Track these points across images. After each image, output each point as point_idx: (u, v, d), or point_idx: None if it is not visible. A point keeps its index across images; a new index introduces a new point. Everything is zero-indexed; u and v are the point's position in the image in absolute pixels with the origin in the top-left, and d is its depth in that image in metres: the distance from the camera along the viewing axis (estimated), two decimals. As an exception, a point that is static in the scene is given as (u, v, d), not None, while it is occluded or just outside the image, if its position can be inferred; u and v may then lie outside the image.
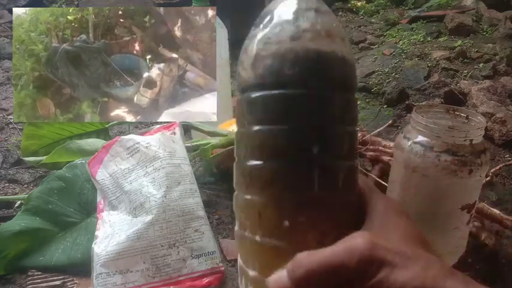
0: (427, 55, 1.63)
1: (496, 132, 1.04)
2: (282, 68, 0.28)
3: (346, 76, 0.30)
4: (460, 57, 1.57)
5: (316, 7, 0.30)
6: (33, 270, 0.63)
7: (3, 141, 1.05)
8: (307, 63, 0.28)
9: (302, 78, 0.28)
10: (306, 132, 0.29)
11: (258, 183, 0.31)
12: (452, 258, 0.63)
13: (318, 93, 0.28)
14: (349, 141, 0.30)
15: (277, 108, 0.29)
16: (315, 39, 0.28)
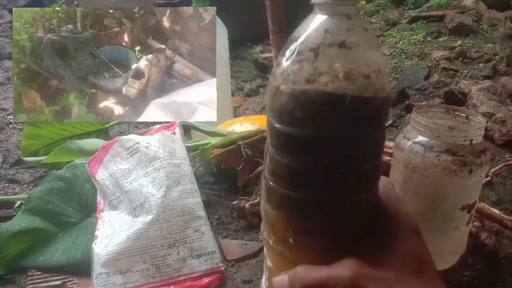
0: (427, 55, 1.63)
1: (496, 132, 1.04)
2: (295, 110, 0.28)
3: (364, 116, 0.28)
4: (460, 57, 1.57)
5: (341, 41, 0.28)
6: (33, 270, 0.63)
7: (3, 141, 1.05)
8: (319, 108, 0.27)
9: (313, 122, 0.28)
10: (313, 171, 0.29)
11: (273, 200, 0.32)
12: (452, 258, 0.63)
13: (329, 136, 0.28)
14: (358, 177, 0.30)
15: (289, 144, 0.29)
16: (330, 83, 0.27)
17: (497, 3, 2.10)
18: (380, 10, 2.43)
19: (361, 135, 0.29)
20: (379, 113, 0.29)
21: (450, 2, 2.21)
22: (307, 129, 0.28)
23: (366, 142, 0.29)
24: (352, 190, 0.30)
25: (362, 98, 0.28)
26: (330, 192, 0.30)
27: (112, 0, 1.60)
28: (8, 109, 1.23)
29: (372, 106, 0.28)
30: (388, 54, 1.72)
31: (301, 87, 0.28)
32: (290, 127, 0.29)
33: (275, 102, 0.29)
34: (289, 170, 0.30)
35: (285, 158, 0.30)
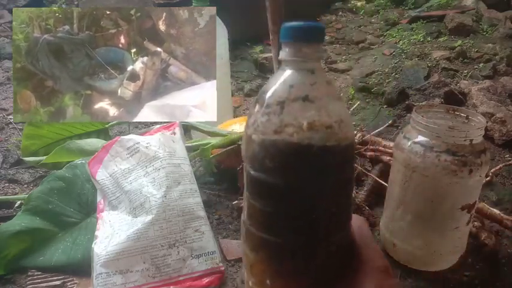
0: (427, 55, 1.63)
1: (496, 132, 1.04)
2: (265, 159, 0.30)
3: (329, 164, 0.30)
4: (460, 57, 1.57)
5: (304, 95, 0.30)
6: (33, 270, 0.63)
7: (3, 141, 1.05)
8: (286, 158, 0.29)
9: (282, 170, 0.30)
10: (284, 217, 0.31)
11: (250, 243, 0.34)
12: (452, 258, 0.64)
13: (297, 184, 0.30)
14: (328, 221, 0.31)
15: (262, 190, 0.31)
16: (295, 134, 0.29)
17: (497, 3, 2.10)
18: (380, 10, 2.43)
19: (327, 182, 0.30)
20: (343, 159, 0.31)
21: (450, 2, 2.21)
22: (276, 177, 0.30)
23: (332, 188, 0.31)
24: (324, 234, 0.32)
25: (325, 147, 0.29)
26: (303, 236, 0.31)
27: (112, 1, 1.60)
28: (8, 109, 1.23)
29: (335, 154, 0.30)
30: (388, 54, 1.72)
31: (269, 137, 0.30)
32: (262, 174, 0.31)
33: (248, 150, 0.31)
34: (263, 214, 0.32)
35: (259, 203, 0.32)
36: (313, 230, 0.31)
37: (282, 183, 0.30)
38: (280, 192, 0.30)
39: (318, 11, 2.35)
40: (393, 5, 2.51)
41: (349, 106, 1.24)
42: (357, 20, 2.35)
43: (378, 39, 1.99)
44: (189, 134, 1.03)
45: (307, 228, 0.31)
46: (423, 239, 0.61)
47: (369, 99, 1.34)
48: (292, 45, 0.31)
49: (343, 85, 1.49)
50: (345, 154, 0.31)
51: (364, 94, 1.36)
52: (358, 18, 2.39)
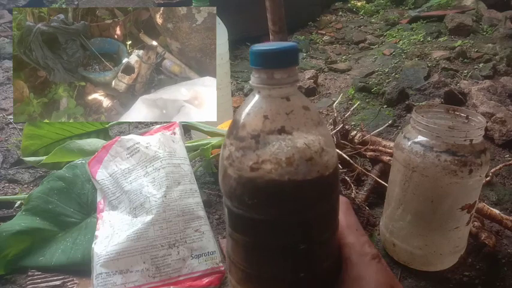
0: (427, 55, 1.63)
1: (496, 132, 1.04)
2: (243, 196, 0.28)
3: (312, 196, 0.29)
4: (460, 57, 1.57)
5: (280, 127, 0.28)
6: (33, 270, 0.63)
7: (3, 141, 1.05)
8: (266, 195, 0.28)
9: (261, 207, 0.28)
10: (265, 253, 0.30)
11: (235, 276, 0.33)
12: (452, 258, 0.64)
13: (279, 220, 0.29)
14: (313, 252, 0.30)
15: (241, 225, 0.30)
16: (274, 170, 0.27)
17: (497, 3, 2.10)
18: (380, 10, 2.43)
19: (309, 215, 0.29)
20: (326, 189, 0.30)
21: (450, 2, 2.21)
22: (256, 214, 0.29)
23: (315, 219, 0.30)
24: (308, 265, 0.30)
25: (307, 181, 0.28)
26: (286, 271, 0.30)
27: (112, 0, 1.60)
28: (8, 109, 1.23)
29: (318, 185, 0.29)
30: (388, 54, 1.72)
31: (246, 174, 0.28)
32: (241, 210, 0.29)
33: (225, 185, 0.30)
34: (245, 249, 0.31)
35: (241, 238, 0.31)
36: (297, 264, 0.30)
37: (262, 219, 0.29)
38: (261, 227, 0.29)
39: (318, 11, 2.35)
40: (393, 5, 2.51)
41: (349, 106, 1.24)
42: (357, 20, 2.35)
43: (378, 39, 2.00)
44: (189, 134, 1.03)
45: (291, 263, 0.30)
46: (423, 239, 0.61)
47: (369, 99, 1.34)
48: (263, 71, 0.27)
49: (343, 85, 1.49)
50: (328, 183, 0.29)
51: (364, 94, 1.36)
52: (358, 18, 2.39)
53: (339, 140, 0.81)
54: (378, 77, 1.50)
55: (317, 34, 2.10)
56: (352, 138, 0.86)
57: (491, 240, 0.66)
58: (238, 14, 1.56)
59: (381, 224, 0.69)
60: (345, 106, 1.27)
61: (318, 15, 2.34)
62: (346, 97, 1.35)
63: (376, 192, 0.80)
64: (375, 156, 0.82)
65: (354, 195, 0.73)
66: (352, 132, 0.86)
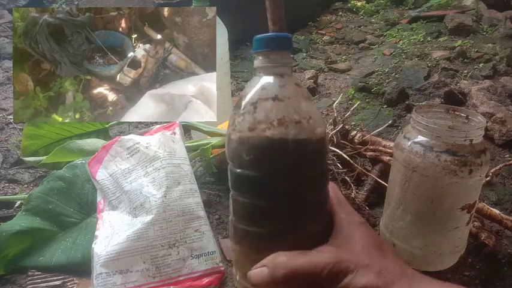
0: (427, 55, 1.63)
1: (496, 132, 1.04)
2: (242, 153, 0.33)
3: (300, 156, 0.33)
4: (460, 57, 1.57)
5: (274, 95, 0.33)
6: (33, 270, 0.63)
7: (3, 141, 1.05)
8: (260, 151, 0.33)
9: (257, 164, 0.33)
10: (263, 205, 0.34)
11: (235, 236, 0.37)
12: (452, 258, 0.64)
13: (271, 176, 0.33)
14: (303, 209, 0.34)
15: (241, 183, 0.35)
16: (267, 129, 0.32)
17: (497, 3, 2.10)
18: (380, 10, 2.43)
19: (300, 173, 0.33)
20: (314, 152, 0.34)
21: (450, 2, 2.21)
22: (253, 170, 0.33)
23: (305, 179, 0.34)
24: (300, 221, 0.34)
25: (296, 141, 0.32)
26: (280, 225, 0.34)
27: (112, 0, 1.60)
28: (8, 109, 1.23)
29: (306, 147, 0.33)
30: (388, 54, 1.72)
31: (245, 134, 0.33)
32: (241, 169, 0.34)
33: (229, 149, 0.35)
34: (244, 207, 0.35)
35: (240, 197, 0.35)
36: (289, 218, 0.34)
37: (258, 175, 0.33)
38: (257, 183, 0.33)
39: (318, 11, 2.35)
40: (393, 5, 2.51)
41: (349, 106, 1.24)
42: (357, 20, 2.35)
43: (378, 39, 2.00)
44: (189, 134, 1.03)
45: (284, 217, 0.34)
46: (423, 239, 0.61)
47: (369, 99, 1.34)
48: (262, 53, 0.34)
49: (343, 85, 1.49)
50: (316, 147, 0.34)
51: (364, 94, 1.36)
52: (358, 18, 2.39)
53: (339, 140, 0.81)
54: (378, 77, 1.50)
55: (317, 34, 2.10)
56: (352, 138, 0.86)
57: (491, 240, 0.66)
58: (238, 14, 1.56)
59: (381, 224, 0.69)
60: (345, 106, 1.27)
61: (318, 15, 2.34)
62: (346, 97, 1.35)
63: (376, 192, 0.80)
64: (375, 156, 0.82)
65: (354, 195, 0.73)
66: (352, 132, 0.86)
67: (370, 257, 0.33)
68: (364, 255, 0.33)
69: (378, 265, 0.33)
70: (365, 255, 0.33)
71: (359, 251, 0.34)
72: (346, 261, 0.32)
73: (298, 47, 1.85)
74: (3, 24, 1.94)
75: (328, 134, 0.81)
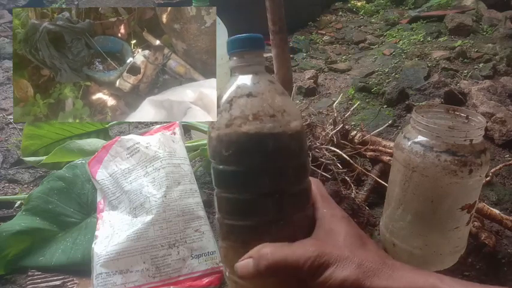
0: (427, 55, 1.63)
1: (496, 132, 1.04)
2: (221, 150, 0.34)
3: (276, 148, 0.34)
4: (460, 57, 1.57)
5: (248, 92, 0.35)
6: (33, 270, 0.63)
7: (3, 141, 1.05)
8: (238, 146, 0.34)
9: (235, 158, 0.34)
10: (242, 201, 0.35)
11: (221, 232, 0.38)
12: (452, 258, 0.63)
13: (250, 170, 0.34)
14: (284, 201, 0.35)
15: (223, 180, 0.36)
16: (243, 124, 0.33)
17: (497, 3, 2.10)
18: (380, 10, 2.43)
19: (277, 165, 0.34)
20: (291, 144, 0.35)
21: (450, 2, 2.21)
22: (232, 165, 0.34)
23: (284, 170, 0.35)
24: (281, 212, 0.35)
25: (271, 133, 0.33)
26: (263, 216, 0.35)
27: (112, 0, 1.60)
28: (8, 109, 1.23)
29: (281, 139, 0.34)
30: (388, 54, 1.72)
31: (223, 131, 0.34)
32: (221, 165, 0.35)
33: (209, 147, 0.36)
34: (228, 202, 0.36)
35: (223, 193, 0.36)
36: (271, 210, 0.35)
37: (237, 169, 0.34)
38: (238, 177, 0.34)
39: (318, 11, 2.35)
40: (393, 5, 2.51)
41: (349, 106, 1.24)
42: (357, 20, 2.35)
43: (378, 39, 2.00)
44: (189, 134, 1.03)
45: (265, 209, 0.35)
46: (423, 239, 0.61)
47: (369, 99, 1.34)
48: (236, 54, 0.36)
49: (343, 85, 1.49)
50: (292, 139, 0.35)
51: (364, 94, 1.36)
52: (358, 18, 2.39)
53: (339, 140, 0.81)
54: (378, 77, 1.50)
55: (317, 34, 2.10)
56: (352, 138, 0.86)
57: (491, 240, 0.66)
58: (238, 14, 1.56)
59: (381, 224, 0.69)
60: (345, 106, 1.27)
61: (318, 15, 2.34)
62: (346, 97, 1.35)
63: (376, 192, 0.80)
64: (375, 156, 0.82)
65: (354, 195, 0.73)
66: (352, 132, 0.86)
67: (351, 249, 0.34)
68: (345, 247, 0.34)
69: (359, 257, 0.33)
70: (346, 247, 0.34)
71: (340, 243, 0.35)
72: (327, 254, 0.33)
73: (298, 47, 1.85)
74: (3, 24, 1.94)
75: (328, 134, 0.81)
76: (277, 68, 0.96)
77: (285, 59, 0.96)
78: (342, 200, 0.64)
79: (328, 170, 0.76)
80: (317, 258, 0.33)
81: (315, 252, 0.33)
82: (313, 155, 0.77)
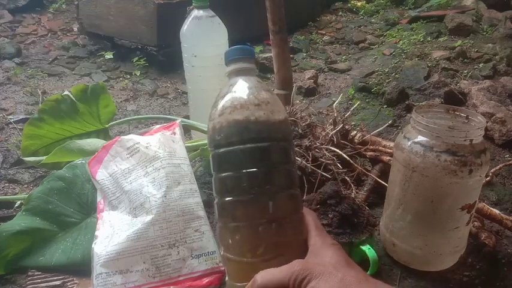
0: (427, 55, 1.63)
1: (496, 132, 1.04)
2: (215, 136, 0.40)
3: (262, 133, 0.39)
4: (460, 57, 1.57)
5: (239, 89, 0.41)
6: (33, 270, 0.63)
7: (3, 141, 1.05)
8: (228, 130, 0.39)
9: (227, 141, 0.39)
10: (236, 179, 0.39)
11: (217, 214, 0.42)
12: (452, 258, 0.64)
13: (241, 150, 0.39)
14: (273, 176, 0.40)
15: (218, 163, 0.41)
16: (232, 112, 0.39)
17: (497, 3, 2.10)
18: (380, 10, 2.43)
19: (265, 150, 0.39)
20: (274, 128, 0.40)
21: (450, 2, 2.21)
22: (223, 147, 0.40)
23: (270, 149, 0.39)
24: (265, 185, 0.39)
25: (257, 121, 0.39)
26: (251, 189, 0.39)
27: (112, 1, 1.60)
28: (8, 109, 1.23)
29: (267, 126, 0.39)
30: (388, 54, 1.72)
31: (216, 120, 0.40)
32: (216, 149, 0.40)
33: (208, 138, 0.42)
34: (221, 181, 0.40)
35: (218, 173, 0.41)
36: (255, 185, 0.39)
37: (227, 150, 0.39)
38: (229, 157, 0.39)
39: (318, 11, 2.35)
40: (393, 5, 2.51)
41: (349, 106, 1.24)
42: (357, 20, 2.35)
43: (378, 39, 2.00)
44: (189, 134, 1.03)
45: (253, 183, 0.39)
46: (423, 239, 0.61)
47: (369, 99, 1.34)
48: (232, 61, 0.43)
49: (343, 85, 1.49)
50: (276, 128, 0.40)
51: (364, 94, 1.36)
52: (358, 18, 2.39)
53: (339, 140, 0.81)
54: (378, 77, 1.50)
55: (317, 34, 2.09)
56: (352, 138, 0.86)
57: (491, 240, 0.66)
58: (238, 14, 1.56)
59: (380, 224, 0.69)
60: (345, 106, 1.27)
61: (318, 15, 2.34)
62: (346, 97, 1.35)
63: (376, 192, 0.80)
64: (375, 156, 0.82)
65: (354, 195, 0.73)
66: (352, 132, 0.86)
67: (335, 266, 0.36)
68: (330, 265, 0.36)
69: (342, 272, 0.35)
70: (331, 265, 0.36)
71: (326, 262, 0.37)
72: (310, 269, 0.35)
73: (298, 47, 1.85)
74: (3, 24, 1.94)
75: (328, 134, 0.81)
76: (277, 68, 0.96)
77: (285, 59, 0.95)
78: (342, 200, 0.64)
79: (328, 170, 0.76)
80: (301, 271, 0.35)
81: (299, 267, 0.36)
82: (313, 155, 0.77)
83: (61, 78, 1.50)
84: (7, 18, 1.99)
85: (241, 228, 0.39)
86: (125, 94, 1.39)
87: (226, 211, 0.40)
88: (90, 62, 1.65)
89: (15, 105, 1.26)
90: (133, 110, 1.28)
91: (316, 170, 0.75)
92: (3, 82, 1.41)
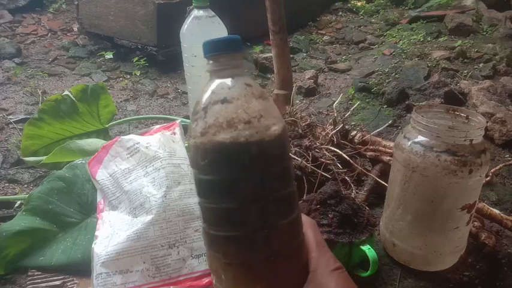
0: (427, 55, 1.63)
1: (496, 132, 1.04)
2: (198, 159, 0.33)
3: (254, 156, 0.32)
4: (460, 57, 1.57)
5: (223, 98, 0.33)
6: (33, 270, 0.63)
7: (3, 141, 1.05)
8: (213, 155, 0.32)
9: (211, 167, 0.32)
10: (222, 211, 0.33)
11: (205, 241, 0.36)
12: (452, 258, 0.64)
13: (227, 177, 0.32)
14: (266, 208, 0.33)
15: (203, 189, 0.34)
16: (217, 132, 0.32)
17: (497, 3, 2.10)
18: (380, 10, 2.43)
19: (256, 174, 0.32)
20: (270, 150, 0.33)
21: (450, 2, 2.21)
22: (209, 174, 0.33)
23: (262, 179, 0.33)
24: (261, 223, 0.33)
25: (247, 141, 0.32)
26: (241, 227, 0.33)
27: (112, 1, 1.59)
28: (8, 109, 1.23)
29: (259, 146, 0.32)
30: (388, 54, 1.72)
31: (198, 140, 0.33)
32: (200, 174, 0.33)
33: (189, 155, 0.36)
34: (207, 211, 0.34)
35: (203, 201, 0.34)
36: (248, 221, 0.33)
37: (214, 179, 0.33)
38: (215, 187, 0.33)
39: (318, 11, 2.35)
40: (393, 5, 2.51)
41: (349, 106, 1.24)
42: (357, 20, 2.35)
43: (378, 39, 2.00)
44: (189, 134, 1.03)
45: (243, 220, 0.33)
46: (423, 239, 0.61)
47: (369, 99, 1.34)
48: (212, 57, 0.34)
49: (343, 85, 1.49)
50: (272, 145, 0.32)
51: (364, 94, 1.36)
52: (358, 18, 2.39)
53: (339, 140, 0.81)
54: (378, 77, 1.50)
55: (317, 34, 2.09)
56: (352, 138, 0.86)
57: (491, 240, 0.66)
58: (238, 14, 1.56)
59: (381, 224, 0.69)
60: (345, 106, 1.27)
61: (318, 15, 2.34)
62: (346, 97, 1.35)
63: (376, 192, 0.80)
64: (375, 156, 0.82)
65: (354, 195, 0.73)
66: (352, 132, 0.86)
67: None
68: None
69: None
70: None
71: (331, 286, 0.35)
72: None
73: (298, 47, 1.85)
74: (3, 24, 1.94)
75: (328, 134, 0.81)
76: (277, 68, 0.96)
77: (285, 59, 0.95)
78: (342, 200, 0.64)
79: (328, 170, 0.76)
80: None
81: None
82: (313, 155, 0.77)
83: (61, 78, 1.50)
84: (7, 18, 1.99)
85: (233, 266, 0.34)
86: (125, 94, 1.39)
87: (216, 245, 0.35)
88: (90, 62, 1.65)
89: (15, 105, 1.26)
90: (133, 110, 1.28)
91: (316, 170, 0.75)
92: (3, 82, 1.41)
